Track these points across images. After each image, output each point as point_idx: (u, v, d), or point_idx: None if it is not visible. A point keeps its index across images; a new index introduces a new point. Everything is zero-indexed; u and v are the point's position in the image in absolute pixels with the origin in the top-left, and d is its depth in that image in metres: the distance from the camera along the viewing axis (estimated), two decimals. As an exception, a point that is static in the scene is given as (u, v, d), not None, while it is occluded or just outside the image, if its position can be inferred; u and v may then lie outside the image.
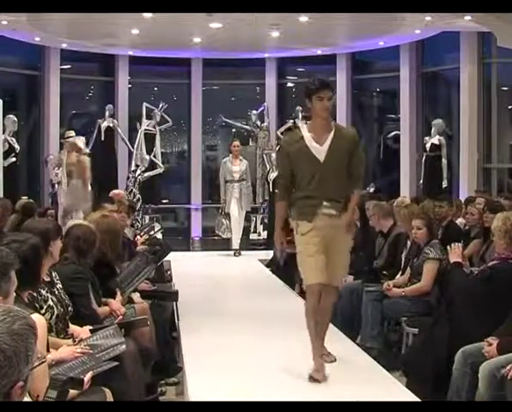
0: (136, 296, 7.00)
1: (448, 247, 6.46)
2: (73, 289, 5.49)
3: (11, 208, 10.25)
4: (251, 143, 18.30)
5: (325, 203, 5.96)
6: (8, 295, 3.40)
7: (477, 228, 8.52)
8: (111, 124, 17.65)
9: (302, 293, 9.93)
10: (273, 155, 16.95)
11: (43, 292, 4.77)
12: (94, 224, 6.38)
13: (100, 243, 6.21)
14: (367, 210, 9.39)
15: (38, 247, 4.45)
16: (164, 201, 18.73)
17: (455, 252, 6.35)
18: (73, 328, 5.03)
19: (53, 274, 5.07)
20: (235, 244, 14.20)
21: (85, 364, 4.40)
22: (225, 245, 14.73)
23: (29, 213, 9.67)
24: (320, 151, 5.99)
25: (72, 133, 14.54)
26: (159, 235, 12.03)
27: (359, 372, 6.10)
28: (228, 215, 14.32)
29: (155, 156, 17.18)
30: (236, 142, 14.59)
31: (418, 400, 5.26)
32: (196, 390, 5.62)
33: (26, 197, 12.38)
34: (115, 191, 10.77)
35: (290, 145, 6.16)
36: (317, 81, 5.97)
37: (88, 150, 14.86)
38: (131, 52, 18.37)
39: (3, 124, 14.68)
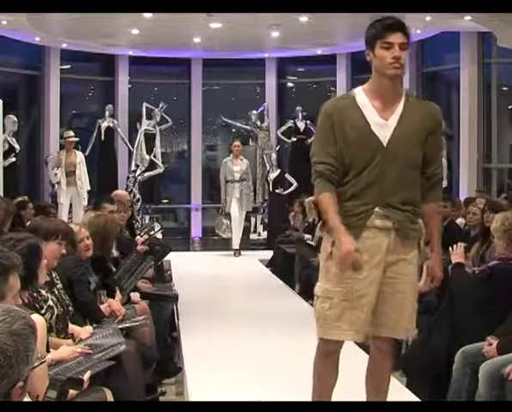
0: (135, 296, 7.00)
1: (450, 249, 6.44)
2: (74, 276, 5.57)
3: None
4: (251, 143, 18.32)
5: (377, 210, 3.99)
6: (3, 297, 3.37)
7: (478, 228, 8.50)
8: (111, 124, 17.65)
9: (302, 293, 9.98)
10: (273, 155, 16.97)
11: (43, 292, 4.77)
12: (87, 223, 6.46)
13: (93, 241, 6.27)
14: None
15: (35, 247, 4.41)
16: (164, 201, 18.74)
17: (457, 253, 6.33)
18: (73, 328, 5.03)
19: (53, 274, 5.07)
20: (236, 244, 14.21)
21: (83, 364, 4.40)
22: (225, 245, 14.74)
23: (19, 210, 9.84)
24: (383, 128, 3.98)
25: (71, 133, 14.54)
26: (159, 235, 12.03)
27: (359, 373, 6.09)
28: (228, 215, 14.35)
29: (155, 156, 17.18)
30: (237, 142, 14.63)
31: (418, 400, 5.27)
32: (196, 390, 5.62)
33: (25, 197, 12.34)
34: (117, 192, 10.78)
35: (339, 112, 4.01)
36: (380, 22, 4.03)
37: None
38: (131, 52, 18.37)
39: (3, 124, 14.66)
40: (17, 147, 15.71)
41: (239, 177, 14.22)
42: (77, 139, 14.91)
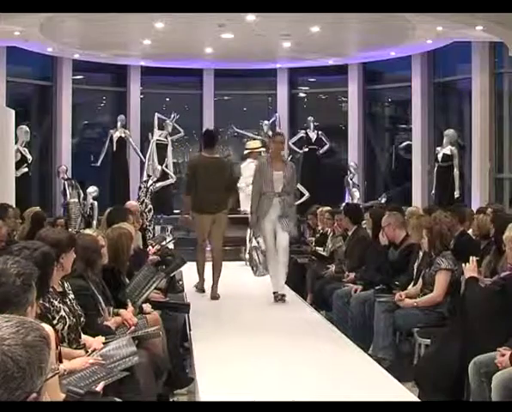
0: (147, 306, 6.99)
1: (463, 265, 6.40)
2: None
3: (20, 217, 10.34)
4: (262, 154, 18.31)
5: None
6: (33, 304, 3.41)
7: (485, 239, 8.47)
8: (123, 135, 17.72)
9: (314, 303, 9.98)
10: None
11: (55, 302, 4.77)
12: (106, 235, 6.46)
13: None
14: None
15: (49, 256, 4.42)
16: (176, 211, 18.75)
17: (471, 268, 6.29)
18: (85, 338, 5.03)
19: (65, 284, 5.07)
20: (279, 283, 9.99)
21: (96, 374, 4.40)
22: (237, 255, 14.68)
23: (39, 222, 9.69)
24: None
25: (258, 143, 14.16)
26: (171, 245, 12.04)
27: (371, 383, 6.08)
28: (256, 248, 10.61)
29: (166, 166, 17.23)
30: (279, 137, 10.46)
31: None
32: (208, 401, 5.61)
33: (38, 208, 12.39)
34: (132, 203, 10.81)
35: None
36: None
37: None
38: (142, 63, 18.45)
39: (16, 135, 14.73)
40: (29, 157, 15.79)
41: (280, 188, 9.71)
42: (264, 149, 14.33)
